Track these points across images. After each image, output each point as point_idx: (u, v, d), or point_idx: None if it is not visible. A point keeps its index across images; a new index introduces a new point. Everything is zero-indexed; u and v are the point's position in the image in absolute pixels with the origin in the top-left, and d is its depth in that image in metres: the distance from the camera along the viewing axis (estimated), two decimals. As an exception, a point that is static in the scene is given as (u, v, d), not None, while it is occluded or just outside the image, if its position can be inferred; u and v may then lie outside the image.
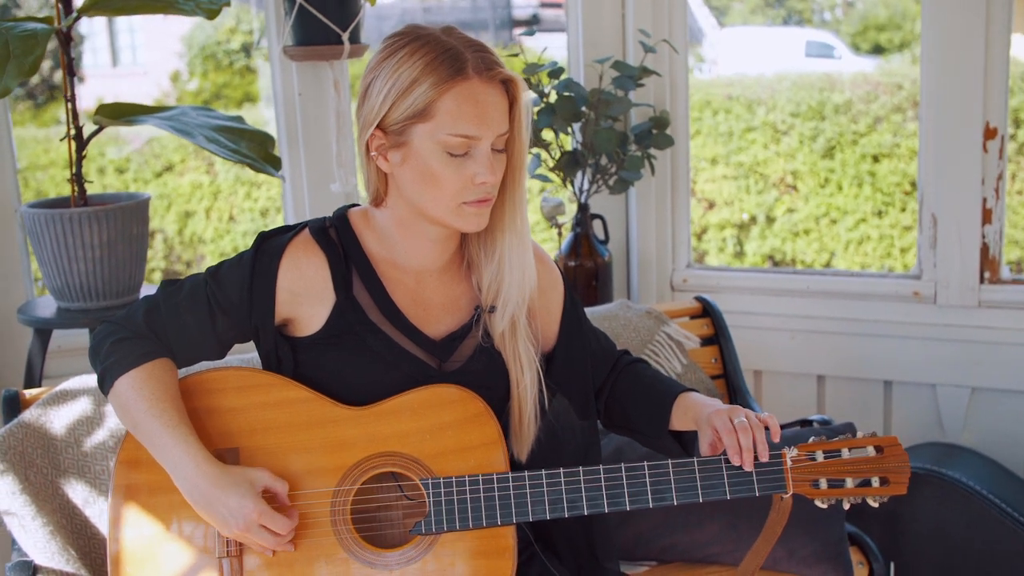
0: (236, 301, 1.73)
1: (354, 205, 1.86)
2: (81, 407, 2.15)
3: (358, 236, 1.79)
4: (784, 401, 3.14)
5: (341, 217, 1.81)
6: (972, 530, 2.63)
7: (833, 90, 6.86)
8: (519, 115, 1.70)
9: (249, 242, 8.00)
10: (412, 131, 1.67)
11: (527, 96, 1.72)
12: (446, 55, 1.65)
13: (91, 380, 2.17)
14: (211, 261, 7.82)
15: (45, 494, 2.05)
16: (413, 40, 1.67)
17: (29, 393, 2.17)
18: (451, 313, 1.81)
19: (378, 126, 1.69)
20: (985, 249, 2.86)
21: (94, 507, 2.09)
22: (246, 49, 12.56)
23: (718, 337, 2.71)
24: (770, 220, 6.93)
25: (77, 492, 2.09)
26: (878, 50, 13.76)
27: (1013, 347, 2.85)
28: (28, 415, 2.10)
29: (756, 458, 1.70)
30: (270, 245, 1.76)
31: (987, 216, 2.85)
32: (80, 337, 2.67)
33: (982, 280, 2.87)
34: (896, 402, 3.04)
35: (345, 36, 2.66)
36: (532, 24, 14.57)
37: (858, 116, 6.78)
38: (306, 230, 1.78)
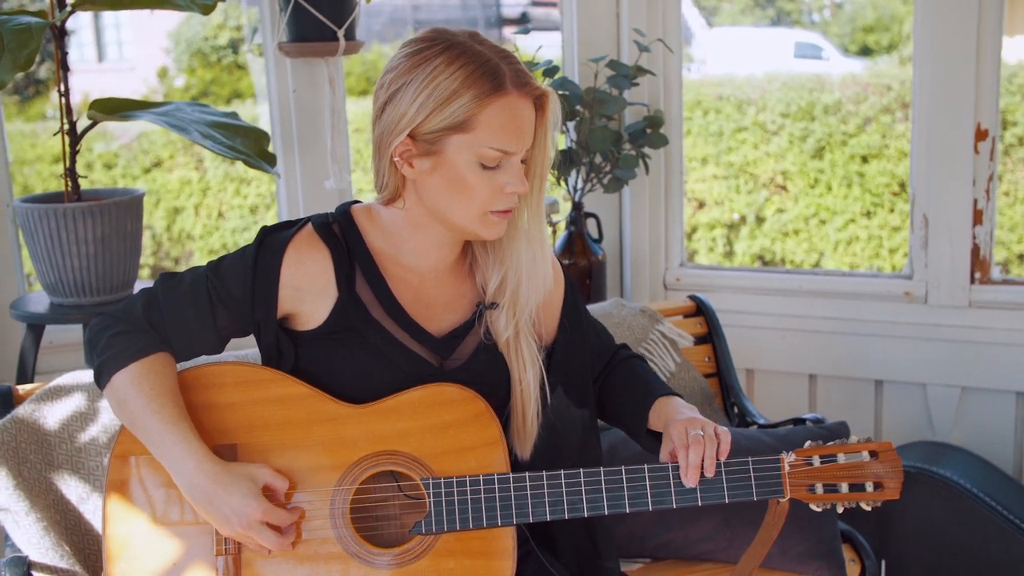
0: (238, 296, 1.72)
1: (356, 202, 1.85)
2: (75, 403, 2.14)
3: (362, 232, 1.78)
4: (776, 400, 3.15)
5: (344, 213, 1.80)
6: (962, 528, 2.64)
7: (823, 91, 6.88)
8: (546, 127, 1.70)
9: (238, 239, 7.90)
10: (447, 141, 1.66)
11: (558, 108, 1.71)
12: (485, 67, 1.64)
13: (84, 376, 2.17)
14: (200, 258, 7.80)
15: (38, 490, 2.04)
16: (448, 48, 1.65)
17: (22, 389, 2.16)
18: (453, 310, 1.81)
19: (409, 134, 1.68)
20: (976, 250, 2.88)
21: (88, 503, 2.08)
22: (234, 45, 12.52)
23: (711, 336, 2.72)
24: (760, 220, 6.95)
25: (71, 488, 2.08)
26: (866, 51, 13.82)
27: (1003, 347, 2.87)
28: (21, 411, 2.09)
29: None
30: (273, 240, 1.75)
31: (978, 217, 2.86)
32: (73, 332, 2.66)
33: (972, 280, 2.89)
34: (887, 401, 3.06)
35: (341, 33, 2.65)
36: (522, 23, 14.58)
37: (847, 117, 6.80)
38: (309, 225, 1.78)
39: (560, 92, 2.85)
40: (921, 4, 2.84)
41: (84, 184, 2.46)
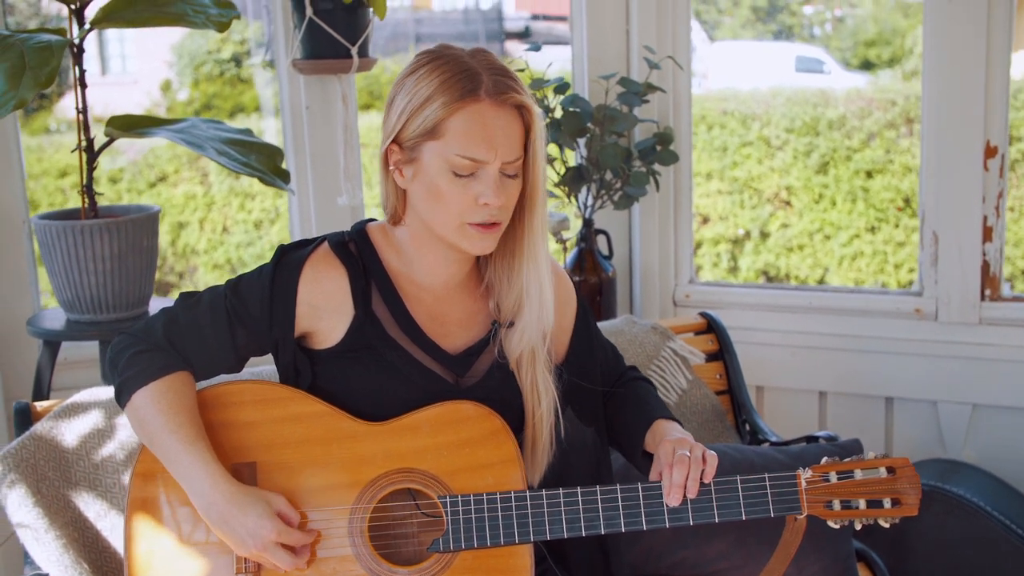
0: (256, 314, 1.74)
1: (371, 220, 1.86)
2: (92, 420, 2.14)
3: (378, 251, 1.80)
4: (786, 417, 3.15)
5: (360, 232, 1.82)
6: (977, 546, 2.64)
7: (827, 106, 6.91)
8: (534, 143, 1.70)
9: (242, 254, 7.87)
10: (423, 148, 1.68)
11: (542, 123, 1.72)
12: (462, 75, 1.66)
13: (101, 392, 2.17)
14: (204, 273, 7.81)
15: (57, 507, 2.04)
16: (436, 58, 1.68)
17: (40, 405, 2.17)
18: (468, 328, 1.82)
19: (394, 140, 1.71)
20: (986, 266, 2.89)
21: (105, 520, 2.09)
22: (237, 59, 12.56)
23: (723, 353, 2.73)
24: (764, 235, 6.96)
25: (88, 505, 2.08)
26: (867, 65, 13.85)
27: (1014, 364, 2.87)
28: (40, 427, 2.09)
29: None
30: (290, 258, 1.76)
31: (988, 234, 2.88)
32: (89, 349, 2.66)
33: (983, 297, 2.90)
34: (897, 418, 3.06)
35: (354, 50, 2.67)
36: (525, 36, 14.62)
37: (852, 132, 6.82)
38: (325, 243, 1.79)
39: (571, 109, 2.86)
40: (930, 21, 2.86)
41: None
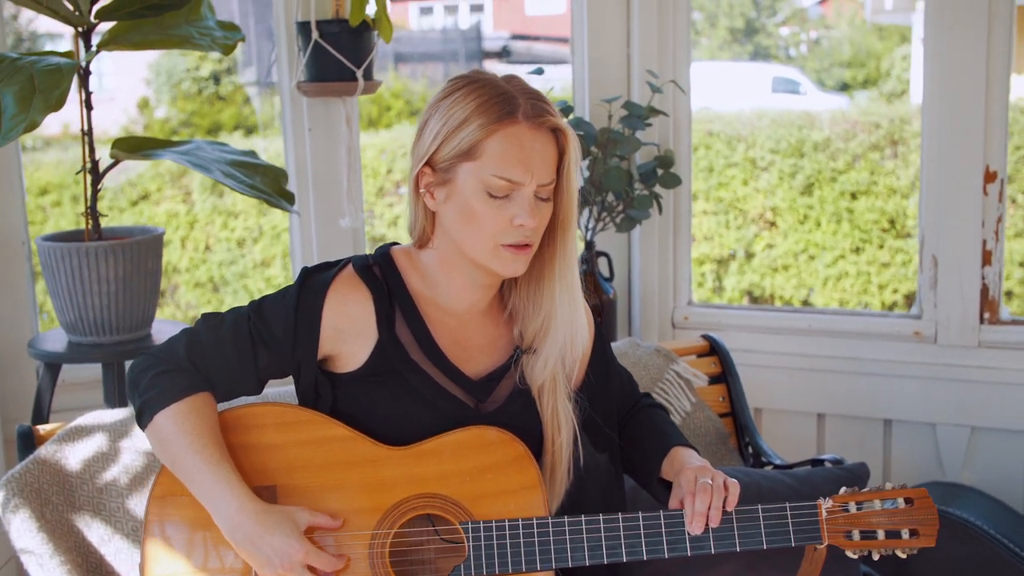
0: (280, 336, 1.73)
1: (395, 244, 1.86)
2: (96, 443, 2.12)
3: (402, 274, 1.79)
4: (784, 439, 3.15)
5: (385, 255, 1.81)
6: (981, 570, 2.64)
7: (812, 127, 6.97)
8: (568, 166, 1.71)
9: (224, 272, 7.79)
10: (458, 169, 1.68)
11: (577, 148, 1.73)
12: (499, 98, 1.67)
13: (105, 416, 2.15)
14: (186, 291, 7.75)
15: (61, 532, 2.02)
16: (472, 82, 1.69)
17: (43, 429, 2.15)
18: (489, 354, 1.82)
19: (427, 163, 1.71)
20: (985, 290, 2.91)
21: (109, 545, 2.06)
22: (216, 77, 12.53)
23: (725, 375, 2.73)
24: (749, 256, 7.00)
25: (92, 530, 2.06)
26: (843, 87, 14.01)
27: (1013, 387, 2.89)
28: (44, 451, 2.07)
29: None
30: (314, 281, 1.76)
31: (987, 258, 2.90)
32: (87, 371, 2.64)
33: (982, 320, 2.92)
34: (896, 441, 3.07)
35: (359, 73, 2.67)
36: (503, 56, 14.69)
37: (836, 154, 6.88)
38: (350, 267, 1.78)
39: (575, 132, 2.86)
40: (930, 47, 2.88)
41: (70, 217, 2.45)
